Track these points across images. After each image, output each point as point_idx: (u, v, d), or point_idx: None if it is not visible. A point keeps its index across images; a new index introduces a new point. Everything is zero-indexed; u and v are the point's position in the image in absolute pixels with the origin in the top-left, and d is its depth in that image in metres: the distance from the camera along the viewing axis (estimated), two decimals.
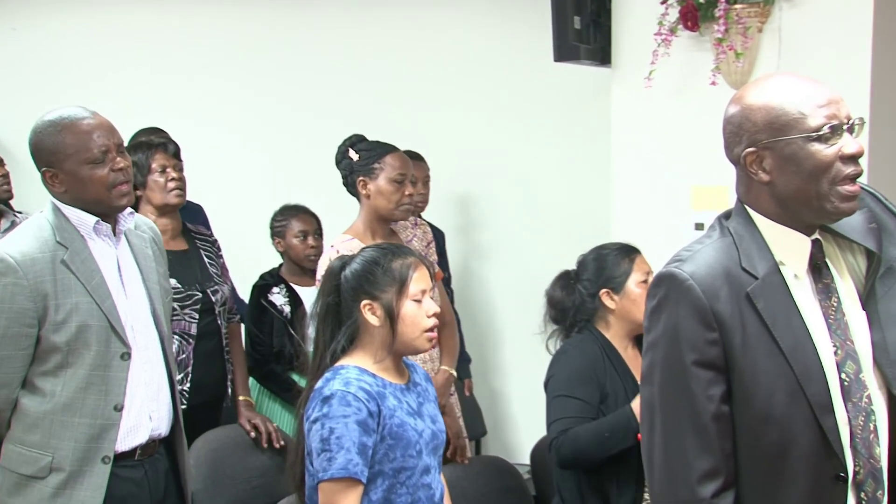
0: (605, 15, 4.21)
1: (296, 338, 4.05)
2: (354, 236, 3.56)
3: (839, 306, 2.04)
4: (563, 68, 4.36)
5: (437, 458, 2.62)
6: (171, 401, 2.82)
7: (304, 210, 4.31)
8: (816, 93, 1.98)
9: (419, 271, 2.58)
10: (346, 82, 5.45)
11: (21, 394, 2.63)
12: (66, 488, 2.61)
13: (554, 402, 3.05)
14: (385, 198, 3.53)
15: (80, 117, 2.64)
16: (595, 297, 3.15)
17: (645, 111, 4.14)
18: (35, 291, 2.55)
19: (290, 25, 5.61)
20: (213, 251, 3.80)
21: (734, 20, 3.80)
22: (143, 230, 2.88)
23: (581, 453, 2.95)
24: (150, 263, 2.82)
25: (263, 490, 3.59)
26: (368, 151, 3.58)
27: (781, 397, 1.97)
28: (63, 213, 2.66)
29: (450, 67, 5.26)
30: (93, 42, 5.96)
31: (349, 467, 2.41)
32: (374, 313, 2.55)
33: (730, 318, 1.97)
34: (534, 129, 5.10)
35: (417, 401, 2.62)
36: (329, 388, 2.47)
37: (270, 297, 4.10)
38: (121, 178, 2.65)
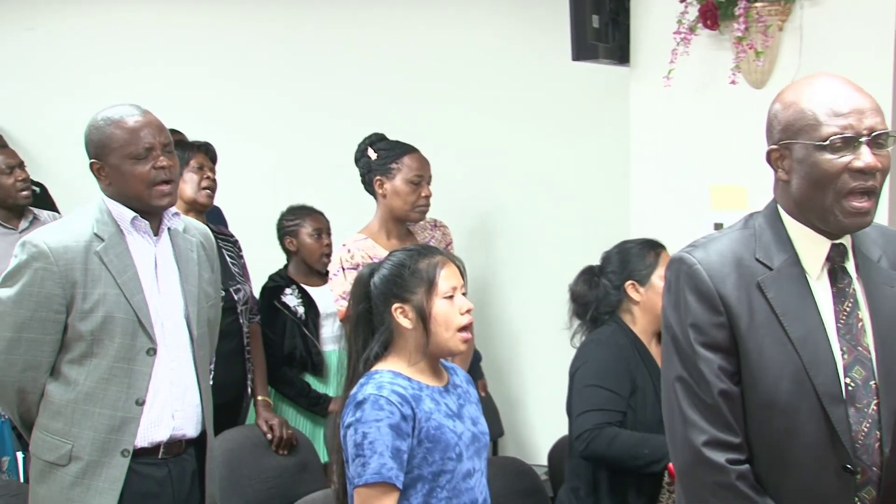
0: (624, 14, 4.19)
1: (310, 338, 4.04)
2: (368, 235, 3.56)
3: (853, 311, 2.04)
4: (582, 67, 4.34)
5: (481, 462, 2.59)
6: (199, 403, 2.83)
7: (315, 210, 4.30)
8: (841, 100, 1.98)
9: (447, 268, 2.56)
10: (360, 82, 5.43)
11: (48, 381, 2.69)
12: (84, 478, 2.65)
13: (584, 391, 3.03)
14: (401, 198, 3.53)
15: (131, 114, 2.73)
16: (620, 289, 3.14)
17: (664, 110, 4.11)
18: (64, 278, 2.62)
19: (302, 24, 5.60)
20: (235, 251, 3.83)
21: (754, 18, 3.77)
22: (193, 234, 2.92)
23: (613, 457, 2.94)
24: (193, 267, 2.85)
25: (280, 490, 3.59)
26: (387, 151, 3.58)
27: (787, 385, 2.00)
28: (107, 206, 2.73)
29: (467, 67, 5.24)
30: (104, 41, 5.97)
31: (383, 472, 2.39)
32: (406, 316, 2.53)
33: (736, 303, 2.02)
34: (552, 129, 5.08)
35: (458, 403, 2.59)
36: (362, 393, 2.46)
37: (284, 299, 4.09)
38: (162, 177, 2.70)
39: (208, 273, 2.93)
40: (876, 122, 1.97)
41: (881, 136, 1.97)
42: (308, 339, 4.04)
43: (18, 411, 2.73)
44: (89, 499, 2.64)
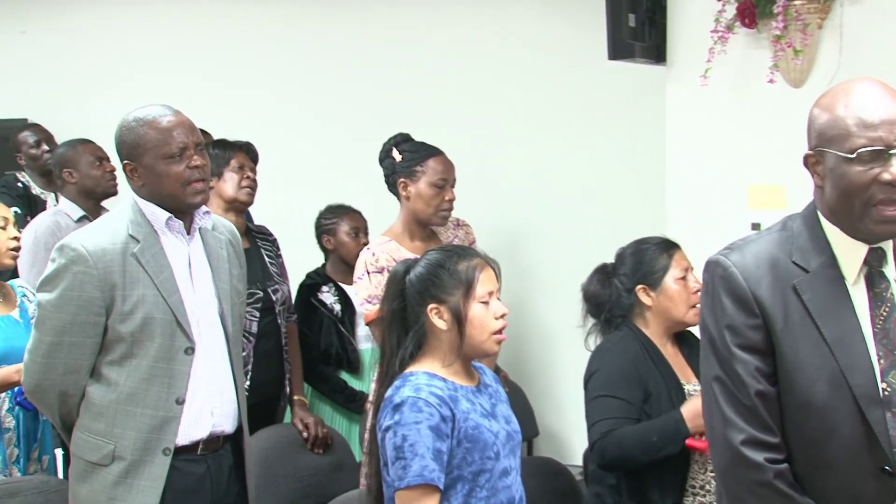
0: (661, 12, 4.16)
1: (346, 336, 4.05)
2: (392, 238, 3.55)
3: (890, 315, 2.02)
4: (617, 66, 4.31)
5: (515, 460, 2.58)
6: (235, 399, 2.85)
7: (353, 209, 4.31)
8: (872, 110, 1.96)
9: (485, 272, 2.55)
10: (395, 80, 5.43)
11: (89, 382, 2.70)
12: (127, 477, 2.67)
13: (595, 401, 2.99)
14: (424, 202, 3.51)
15: (163, 114, 2.73)
16: (631, 293, 3.10)
17: (700, 110, 4.09)
18: (103, 281, 2.63)
19: (339, 22, 5.61)
20: (273, 250, 3.84)
21: (793, 17, 3.73)
22: (221, 231, 2.93)
23: (626, 456, 2.90)
24: (224, 264, 2.86)
25: (315, 489, 3.60)
26: (412, 153, 3.56)
27: (823, 386, 2.00)
28: (140, 207, 2.74)
29: (501, 66, 5.23)
30: (141, 41, 6.01)
31: (425, 474, 2.38)
32: (442, 317, 2.52)
33: (771, 304, 2.03)
34: (586, 129, 5.06)
35: (490, 402, 2.58)
36: (399, 396, 2.45)
37: (321, 297, 4.10)
38: (196, 176, 2.71)
39: (237, 270, 2.94)
40: None
41: None
42: (344, 336, 4.06)
43: (59, 413, 2.75)
44: (132, 497, 2.66)
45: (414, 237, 3.55)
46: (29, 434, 3.29)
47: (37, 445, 3.31)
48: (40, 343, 2.67)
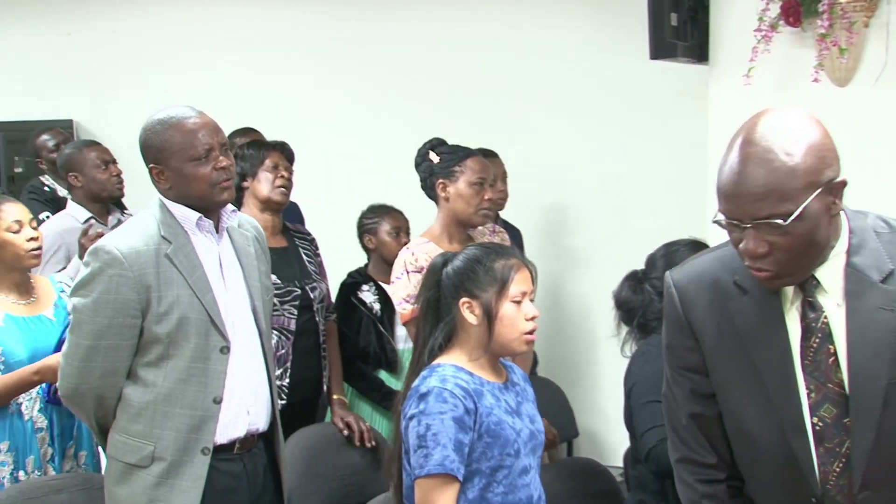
0: (703, 11, 4.14)
1: (385, 335, 4.05)
2: (431, 239, 3.54)
3: (821, 347, 1.93)
4: (659, 66, 4.30)
5: (536, 460, 2.60)
6: (269, 396, 2.86)
7: (394, 209, 4.31)
8: (725, 182, 1.86)
9: (521, 273, 2.57)
10: (437, 81, 5.44)
11: (126, 384, 2.70)
12: (167, 477, 2.67)
13: (645, 408, 2.95)
14: (464, 201, 3.51)
15: (187, 116, 2.72)
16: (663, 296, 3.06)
17: (744, 109, 3.96)
18: (139, 283, 2.63)
19: (381, 23, 5.63)
20: (312, 249, 3.86)
21: (838, 15, 3.69)
22: (247, 228, 2.94)
23: None
24: (252, 261, 2.87)
25: (356, 488, 3.60)
26: (449, 154, 3.56)
27: (752, 413, 1.99)
28: (168, 208, 2.74)
29: (543, 65, 5.22)
30: (181, 39, 6.07)
31: (445, 464, 2.41)
32: (473, 312, 2.55)
33: (703, 327, 2.02)
34: (628, 129, 5.04)
35: (516, 400, 2.60)
36: (426, 385, 2.48)
37: (360, 295, 4.10)
38: (223, 177, 2.72)
39: (265, 266, 2.95)
40: (757, 209, 1.82)
41: (777, 220, 1.81)
42: (383, 335, 4.06)
43: (96, 417, 2.75)
44: (175, 498, 2.66)
45: (452, 239, 3.54)
46: (63, 432, 3.28)
47: (72, 443, 3.31)
48: (77, 347, 2.66)
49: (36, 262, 3.31)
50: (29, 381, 3.12)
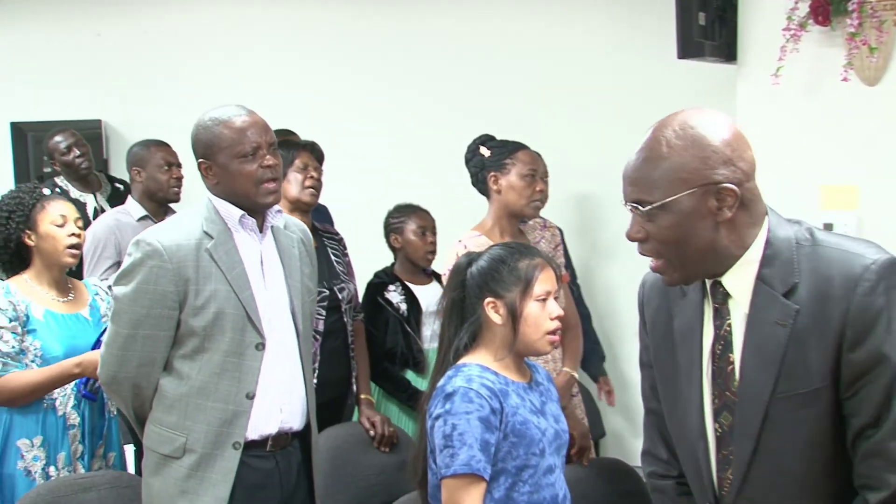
0: (731, 10, 4.12)
1: (412, 336, 4.06)
2: (483, 233, 3.56)
3: (723, 354, 1.95)
4: (687, 65, 4.28)
5: (560, 459, 2.60)
6: (304, 396, 2.89)
7: (421, 208, 4.32)
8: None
9: (545, 272, 2.57)
10: (466, 81, 5.44)
11: (162, 375, 2.75)
12: (198, 470, 2.71)
13: None
14: (517, 192, 3.53)
15: (237, 114, 2.78)
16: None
17: (772, 109, 4.03)
18: (178, 276, 2.68)
19: (410, 24, 5.63)
20: (340, 249, 3.87)
21: (868, 14, 3.67)
22: (293, 230, 2.98)
23: None
24: (295, 262, 2.91)
25: (383, 488, 3.61)
26: (500, 148, 3.59)
27: (673, 413, 2.06)
28: (214, 205, 2.79)
29: (570, 65, 5.21)
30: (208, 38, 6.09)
31: (472, 463, 2.41)
32: (497, 311, 2.56)
33: (653, 325, 2.09)
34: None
35: (540, 399, 2.61)
36: (451, 385, 2.49)
37: (387, 295, 4.12)
38: (268, 175, 2.76)
39: (308, 268, 2.98)
40: (629, 192, 1.93)
41: (638, 206, 1.90)
42: (410, 336, 4.07)
43: (133, 406, 2.80)
44: (204, 490, 2.70)
45: (504, 233, 3.56)
46: (94, 431, 3.33)
47: (102, 442, 3.35)
48: (116, 336, 2.72)
49: (73, 260, 3.35)
50: (70, 373, 3.16)
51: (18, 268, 3.33)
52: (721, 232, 1.89)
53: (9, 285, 3.26)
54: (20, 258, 3.32)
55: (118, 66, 6.24)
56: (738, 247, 1.91)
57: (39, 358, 3.19)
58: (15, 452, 3.19)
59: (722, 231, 1.89)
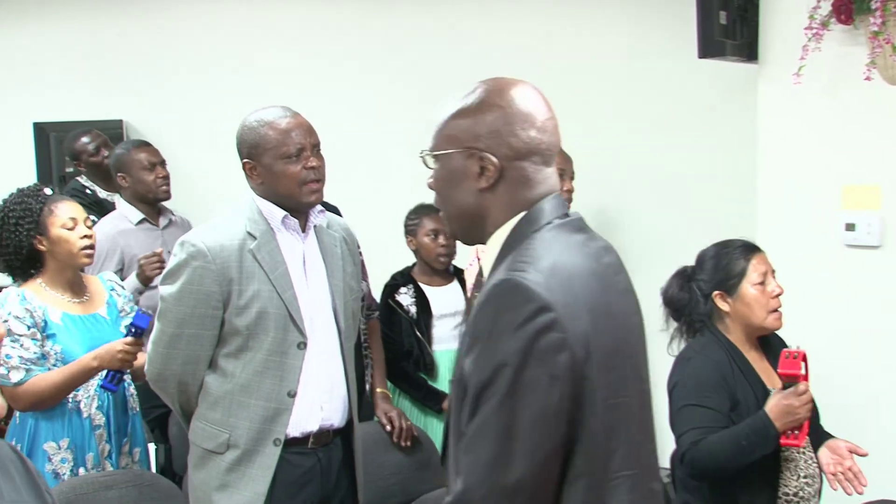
0: (753, 9, 4.10)
1: (421, 339, 4.06)
2: None
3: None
4: (708, 65, 4.27)
5: None
6: (346, 394, 2.93)
7: (437, 209, 4.30)
8: None
9: None
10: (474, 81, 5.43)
11: (207, 373, 2.82)
12: (239, 465, 2.77)
13: (682, 411, 2.95)
14: None
15: (283, 116, 2.83)
16: (709, 299, 3.05)
17: (794, 108, 4.01)
18: (221, 276, 2.73)
19: (424, 22, 5.63)
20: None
21: (892, 12, 3.64)
22: (336, 229, 3.02)
23: (717, 463, 2.85)
24: (337, 261, 2.95)
25: (401, 487, 3.62)
26: None
27: None
28: (257, 205, 2.83)
29: (590, 64, 5.20)
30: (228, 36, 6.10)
31: None
32: None
33: None
34: (676, 128, 5.00)
35: None
36: None
37: (398, 298, 4.12)
38: (312, 176, 2.80)
39: (351, 267, 3.02)
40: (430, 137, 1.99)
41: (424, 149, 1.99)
42: (420, 339, 4.07)
43: (179, 402, 2.87)
44: (244, 485, 2.76)
45: None
46: (119, 429, 3.35)
47: (127, 439, 3.37)
48: (162, 334, 2.79)
49: (89, 260, 3.35)
50: (89, 367, 3.18)
51: (30, 273, 3.32)
52: (482, 201, 1.92)
53: (24, 292, 3.25)
54: (32, 263, 3.31)
55: (140, 66, 6.26)
56: (492, 223, 1.93)
57: (61, 362, 3.21)
58: (42, 456, 3.22)
59: (483, 201, 1.92)
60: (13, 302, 3.20)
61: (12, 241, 3.27)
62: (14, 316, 3.18)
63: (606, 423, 1.79)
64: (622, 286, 1.99)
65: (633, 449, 1.85)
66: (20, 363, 3.15)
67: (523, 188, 1.92)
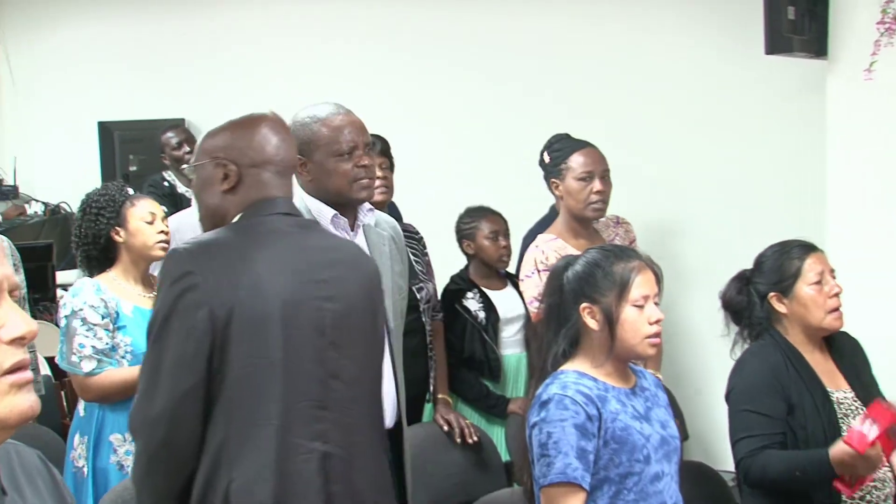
0: (822, 4, 4.04)
1: (489, 343, 4.05)
2: (557, 235, 3.56)
3: None
4: (775, 61, 4.21)
5: (670, 465, 2.56)
6: (395, 394, 2.91)
7: (492, 211, 4.27)
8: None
9: (643, 275, 2.53)
10: (544, 79, 5.42)
11: None
12: None
13: (737, 416, 2.95)
14: (573, 197, 3.53)
15: (335, 113, 2.83)
16: (765, 301, 3.02)
17: (864, 106, 3.95)
18: None
19: (479, 19, 5.62)
20: (419, 248, 3.86)
21: None
22: (384, 228, 3.02)
23: (769, 481, 2.85)
24: (386, 260, 2.94)
25: (462, 487, 3.62)
26: (557, 152, 3.60)
27: None
28: (307, 203, 2.82)
29: (653, 61, 5.15)
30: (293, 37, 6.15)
31: (567, 472, 2.40)
32: (594, 317, 2.53)
33: None
34: (742, 126, 4.94)
35: (645, 405, 2.57)
36: (547, 393, 2.48)
37: (465, 303, 4.08)
38: (363, 175, 2.80)
39: (399, 266, 3.02)
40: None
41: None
42: (487, 343, 4.05)
43: None
44: None
45: (578, 235, 3.56)
46: None
47: None
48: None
49: (163, 254, 3.42)
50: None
51: (104, 265, 3.43)
52: (224, 202, 2.37)
53: (99, 283, 3.35)
54: (106, 255, 3.42)
55: (201, 64, 6.34)
56: (228, 220, 2.36)
57: (130, 354, 3.28)
58: (108, 447, 3.28)
59: (225, 202, 2.37)
60: (88, 291, 3.31)
61: (91, 231, 3.40)
62: (89, 305, 3.28)
63: (247, 376, 2.20)
64: (328, 275, 2.35)
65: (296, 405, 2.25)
66: (92, 353, 3.24)
67: (250, 191, 2.36)
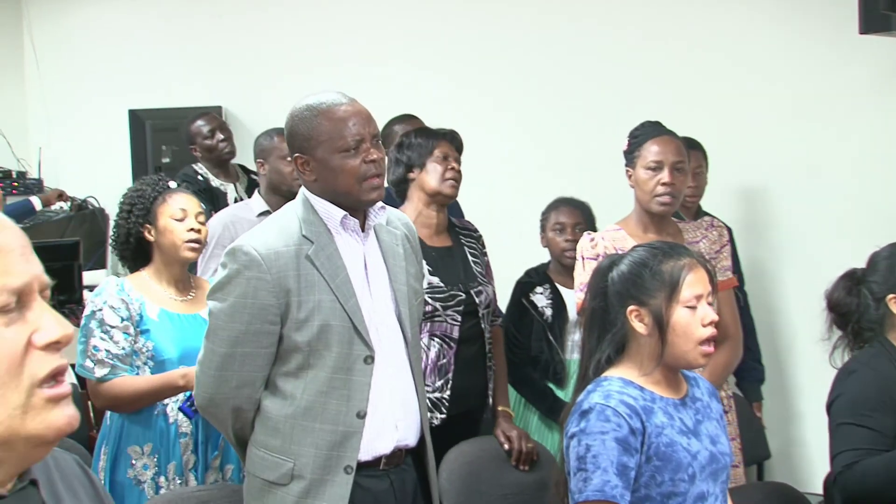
0: None
1: (554, 345, 4.00)
2: (622, 227, 3.50)
3: None
4: (869, 41, 4.12)
5: (718, 485, 2.49)
6: (418, 409, 2.82)
7: (569, 202, 4.24)
8: None
9: (694, 273, 2.46)
10: (622, 67, 5.36)
11: (264, 395, 2.70)
12: (307, 497, 2.65)
13: (839, 430, 2.86)
14: (640, 187, 3.45)
15: (337, 103, 2.69)
16: (881, 303, 2.93)
17: None
18: (278, 287, 2.61)
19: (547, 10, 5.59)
20: (478, 248, 3.79)
21: None
22: (396, 226, 2.89)
23: (868, 489, 2.76)
24: (400, 262, 2.82)
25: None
26: (635, 139, 3.52)
27: None
28: (312, 204, 2.71)
29: (734, 45, 5.07)
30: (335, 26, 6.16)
31: (605, 489, 2.35)
32: (642, 320, 2.47)
33: None
34: (833, 112, 4.84)
35: (695, 418, 2.50)
36: (588, 402, 2.43)
37: (532, 298, 4.07)
38: (372, 171, 2.67)
39: (414, 267, 2.89)
40: None
41: None
42: (552, 345, 4.01)
43: (233, 428, 2.75)
44: None
45: (647, 229, 3.46)
46: (209, 440, 3.33)
47: (218, 454, 3.34)
48: (213, 355, 2.66)
49: (192, 254, 3.39)
50: (174, 384, 3.20)
51: (141, 265, 3.40)
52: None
53: (123, 282, 3.32)
54: (143, 254, 3.39)
55: (238, 50, 6.36)
56: None
57: (151, 360, 3.24)
58: (126, 460, 3.26)
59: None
60: (110, 291, 3.28)
61: (123, 228, 3.39)
62: (109, 306, 3.25)
63: None
64: None
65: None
66: (106, 357, 3.21)
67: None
